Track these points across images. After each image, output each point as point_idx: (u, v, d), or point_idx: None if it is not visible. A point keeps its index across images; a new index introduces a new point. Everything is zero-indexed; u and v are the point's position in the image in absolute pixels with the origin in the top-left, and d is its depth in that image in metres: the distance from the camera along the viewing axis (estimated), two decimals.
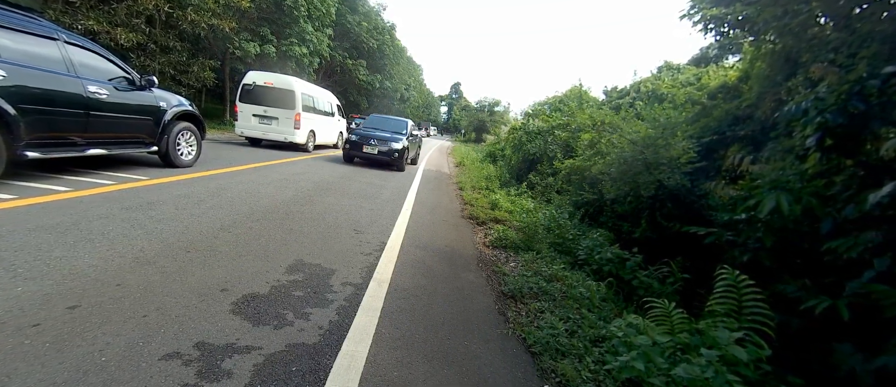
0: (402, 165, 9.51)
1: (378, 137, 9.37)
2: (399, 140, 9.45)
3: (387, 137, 9.45)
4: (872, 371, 2.02)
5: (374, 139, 9.25)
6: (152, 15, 11.66)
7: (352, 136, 9.50)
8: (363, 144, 9.20)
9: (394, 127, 10.60)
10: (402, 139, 9.55)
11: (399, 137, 9.67)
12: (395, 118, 11.65)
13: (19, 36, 3.49)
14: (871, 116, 2.46)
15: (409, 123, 11.02)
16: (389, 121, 11.19)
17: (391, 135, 9.66)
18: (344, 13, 24.45)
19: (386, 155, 9.18)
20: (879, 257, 2.15)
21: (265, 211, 4.12)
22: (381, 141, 9.23)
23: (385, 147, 9.16)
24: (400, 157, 9.28)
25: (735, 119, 5.04)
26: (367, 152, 9.17)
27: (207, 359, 1.68)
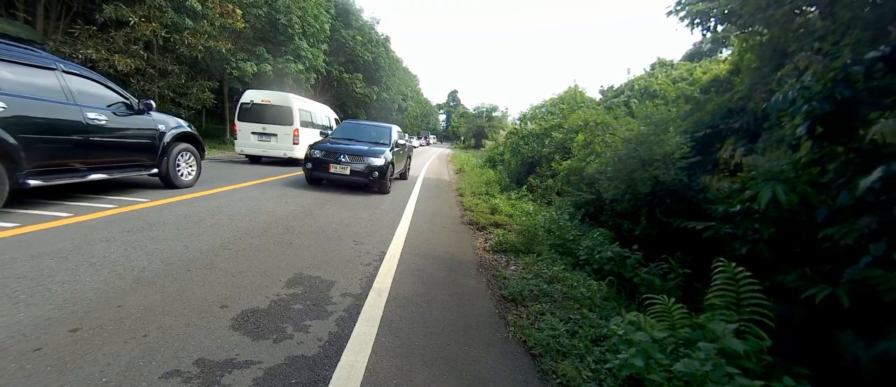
0: (386, 185, 7.28)
1: (351, 150, 7.05)
2: (379, 153, 7.13)
3: (363, 150, 7.15)
4: (875, 357, 2.01)
5: (345, 154, 6.95)
6: (150, 40, 11.87)
7: (314, 151, 7.00)
8: (330, 162, 6.87)
9: (373, 136, 8.23)
10: (385, 152, 7.30)
11: (380, 149, 7.36)
12: (376, 124, 9.02)
13: (19, 68, 3.58)
14: (859, 102, 2.48)
15: (394, 130, 8.67)
16: (367, 128, 8.69)
17: (369, 147, 7.34)
18: (338, 28, 24.76)
19: (362, 174, 6.90)
20: (875, 243, 2.15)
21: (265, 226, 4.15)
22: (354, 156, 6.96)
23: (360, 164, 6.91)
24: (382, 175, 7.01)
25: (728, 112, 5.05)
26: (336, 173, 6.83)
27: (207, 375, 1.70)
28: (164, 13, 11.53)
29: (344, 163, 6.87)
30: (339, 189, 7.36)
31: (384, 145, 7.72)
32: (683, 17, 5.37)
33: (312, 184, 7.38)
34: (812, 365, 2.28)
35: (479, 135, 47.07)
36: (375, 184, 7.13)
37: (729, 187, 3.67)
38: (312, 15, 18.61)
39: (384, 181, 7.15)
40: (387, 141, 8.01)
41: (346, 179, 6.93)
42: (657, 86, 12.04)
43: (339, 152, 7.01)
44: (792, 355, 2.40)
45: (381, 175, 7.03)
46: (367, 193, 7.33)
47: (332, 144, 7.37)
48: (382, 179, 7.08)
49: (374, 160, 6.99)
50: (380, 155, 7.13)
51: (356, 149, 7.17)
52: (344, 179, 6.96)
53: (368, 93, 28.41)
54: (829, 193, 2.59)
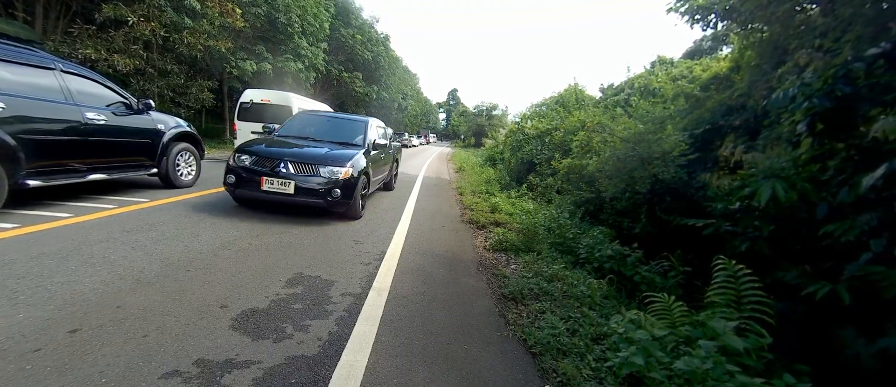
0: (356, 206, 4.84)
1: (299, 156, 4.59)
2: (345, 159, 4.70)
3: (317, 155, 4.68)
4: (876, 354, 2.00)
5: (288, 162, 4.47)
6: (149, 40, 11.85)
7: (241, 157, 4.56)
8: (262, 175, 4.40)
9: (340, 132, 5.82)
10: (354, 156, 4.86)
11: (347, 153, 4.92)
12: (347, 117, 6.63)
13: (17, 67, 3.57)
14: (860, 99, 2.47)
15: (372, 126, 6.19)
16: (333, 122, 6.28)
17: (329, 150, 4.92)
18: (337, 27, 24.72)
19: (315, 193, 4.43)
20: (876, 239, 2.14)
21: (265, 226, 4.14)
22: (304, 164, 4.51)
23: (313, 177, 4.45)
24: (347, 192, 4.56)
25: (729, 109, 5.04)
26: (271, 191, 4.38)
27: (207, 375, 1.69)
28: (164, 12, 11.51)
29: (286, 175, 4.35)
30: None
31: (355, 147, 5.26)
32: (684, 14, 5.36)
33: (240, 202, 4.96)
34: (813, 362, 2.28)
35: (479, 133, 47.09)
36: (337, 206, 4.57)
37: (729, 185, 3.67)
38: (312, 14, 18.58)
39: (352, 201, 4.65)
40: (359, 140, 5.55)
41: (289, 200, 4.35)
42: (657, 84, 12.01)
43: (277, 159, 4.42)
44: (793, 352, 2.40)
45: (346, 193, 4.51)
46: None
47: (270, 147, 4.74)
48: (349, 198, 4.57)
49: (336, 170, 4.48)
50: (345, 162, 4.61)
51: (308, 154, 4.64)
52: (284, 200, 4.37)
53: (368, 92, 28.39)
54: (829, 189, 2.59)
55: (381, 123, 7.18)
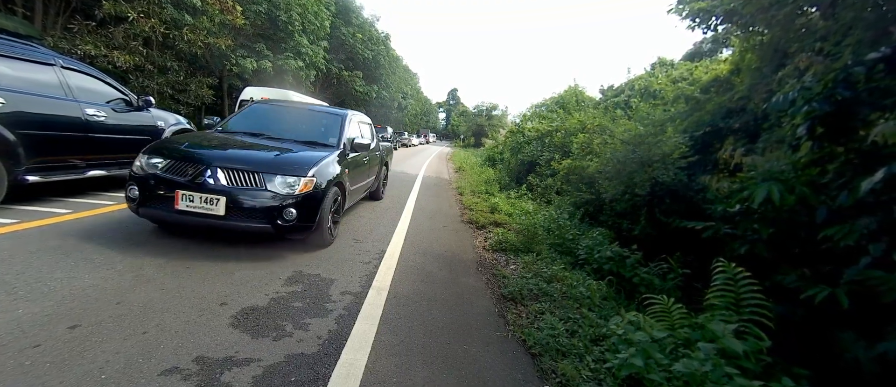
0: (322, 233, 3.49)
1: (235, 160, 3.19)
2: (305, 167, 3.30)
3: (264, 160, 3.32)
4: (875, 358, 2.01)
5: (215, 168, 3.06)
6: (149, 36, 11.82)
7: (153, 158, 3.19)
8: (178, 185, 3.01)
9: (305, 130, 4.41)
10: (321, 162, 3.49)
11: (308, 157, 3.54)
12: (318, 109, 5.19)
13: (17, 63, 3.55)
14: (859, 103, 2.48)
15: (351, 121, 4.74)
16: (298, 117, 4.82)
17: (279, 155, 3.48)
18: (338, 25, 24.71)
19: (254, 214, 3.05)
20: (875, 243, 2.15)
21: None
22: (241, 172, 3.09)
23: (250, 195, 3.05)
24: (308, 212, 3.24)
25: (729, 112, 5.05)
26: (187, 211, 2.97)
27: (206, 373, 1.69)
28: (164, 9, 11.48)
29: (213, 188, 2.99)
30: None
31: (326, 148, 3.88)
32: (685, 17, 5.36)
33: (159, 223, 3.50)
34: (812, 366, 2.29)
35: (479, 133, 47.11)
36: (293, 231, 3.23)
37: (728, 187, 3.68)
38: (312, 12, 18.57)
39: (315, 225, 3.32)
40: (334, 140, 4.15)
41: (217, 224, 2.98)
42: (657, 86, 12.03)
43: (202, 163, 3.08)
44: (792, 355, 2.40)
45: (306, 213, 3.19)
46: None
47: (196, 146, 3.37)
48: (310, 220, 3.26)
49: (292, 181, 3.13)
50: (306, 168, 3.25)
51: (251, 157, 3.35)
52: (210, 225, 3.00)
53: (368, 90, 28.39)
54: (828, 193, 2.60)
55: (365, 118, 5.56)
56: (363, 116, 5.57)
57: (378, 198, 6.45)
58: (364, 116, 5.64)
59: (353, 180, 4.31)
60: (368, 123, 5.72)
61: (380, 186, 6.38)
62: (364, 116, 5.64)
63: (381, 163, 6.20)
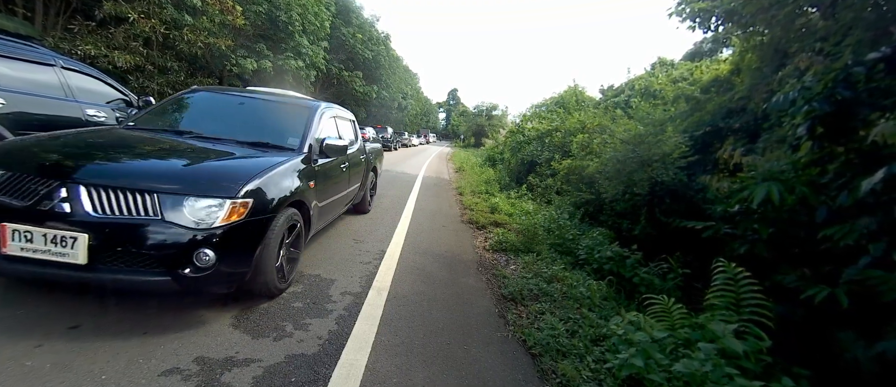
0: (265, 279, 2.25)
1: (112, 175, 1.96)
2: (236, 181, 2.08)
3: (164, 171, 2.16)
4: (874, 358, 2.01)
5: (76, 186, 1.81)
6: (149, 37, 11.82)
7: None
8: (11, 216, 1.77)
9: (259, 128, 3.15)
10: (268, 173, 2.31)
11: (246, 167, 2.36)
12: (279, 100, 3.75)
13: (18, 64, 3.56)
14: (860, 103, 2.48)
15: (320, 115, 3.46)
16: (251, 111, 3.46)
17: (190, 169, 2.19)
18: (338, 26, 24.69)
19: (137, 261, 1.83)
20: (875, 243, 2.15)
21: None
22: (119, 192, 1.85)
23: (130, 230, 1.82)
24: (236, 253, 2.04)
25: (729, 112, 5.05)
26: (25, 257, 1.77)
27: (207, 373, 1.69)
28: (164, 9, 11.48)
29: (68, 219, 1.80)
30: None
31: (284, 153, 2.79)
32: (685, 18, 5.37)
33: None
34: (812, 365, 2.29)
35: (479, 133, 47.08)
36: (209, 283, 2.01)
37: (729, 187, 3.68)
38: (312, 12, 18.57)
39: (250, 270, 2.16)
40: (295, 141, 3.02)
41: (76, 276, 1.83)
42: (658, 86, 12.03)
43: (58, 178, 1.86)
44: (792, 355, 2.41)
45: (232, 256, 2.04)
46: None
47: (57, 150, 2.16)
48: (240, 266, 2.13)
49: (209, 205, 1.95)
50: (235, 184, 2.07)
51: (144, 170, 2.17)
52: (63, 278, 1.88)
53: (368, 91, 28.39)
54: (828, 193, 2.60)
55: (345, 114, 4.49)
56: (342, 111, 4.40)
57: (364, 211, 5.24)
58: (344, 111, 4.48)
59: (324, 194, 3.12)
60: (350, 120, 4.61)
61: (367, 196, 5.22)
62: (344, 111, 4.48)
63: (366, 169, 4.87)
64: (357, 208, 5.14)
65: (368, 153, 5.12)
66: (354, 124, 4.83)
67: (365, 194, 5.12)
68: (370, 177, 5.30)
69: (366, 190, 5.13)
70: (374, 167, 5.62)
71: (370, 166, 5.19)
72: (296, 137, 3.02)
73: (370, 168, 5.21)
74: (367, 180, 5.11)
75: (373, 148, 5.62)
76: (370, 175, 5.28)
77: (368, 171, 5.08)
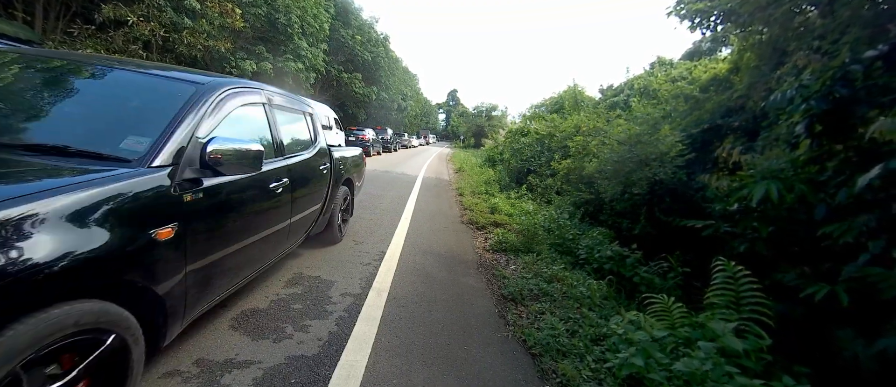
0: None
1: None
2: None
3: None
4: (874, 355, 2.01)
5: None
6: (149, 40, 11.85)
7: None
8: None
9: (67, 115, 1.68)
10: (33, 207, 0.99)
11: None
12: (133, 70, 1.95)
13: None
14: (858, 101, 2.48)
15: (217, 99, 1.86)
16: (68, 83, 1.82)
17: None
18: (337, 28, 24.74)
19: None
20: (874, 240, 2.15)
21: None
22: None
23: None
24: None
25: (728, 111, 5.06)
26: None
27: (207, 375, 1.70)
28: (163, 13, 11.51)
29: None
30: None
31: (103, 168, 1.35)
32: (683, 18, 5.37)
33: None
34: (812, 363, 2.29)
35: (479, 134, 47.07)
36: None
37: (728, 186, 3.68)
38: (312, 14, 18.61)
39: None
40: (140, 145, 1.51)
41: None
42: (656, 85, 12.03)
43: None
44: (792, 353, 2.41)
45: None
46: (367, 190, 7.00)
47: None
48: None
49: None
50: None
51: None
52: None
53: (368, 92, 28.42)
54: (827, 191, 2.60)
55: (297, 102, 3.12)
56: (287, 98, 2.94)
57: (333, 241, 3.77)
58: (294, 98, 3.08)
59: (220, 241, 1.82)
60: (302, 112, 3.12)
61: (335, 220, 3.65)
62: (294, 98, 3.08)
63: (333, 184, 3.44)
64: (320, 237, 3.62)
65: (337, 162, 3.56)
66: (311, 118, 3.25)
67: (332, 218, 3.56)
68: (342, 193, 3.73)
69: (334, 212, 3.57)
70: (348, 180, 3.96)
71: (341, 179, 3.63)
72: (142, 138, 1.55)
73: (341, 181, 3.64)
74: (336, 199, 3.57)
75: (345, 155, 3.94)
76: (342, 191, 3.73)
77: (337, 186, 3.53)
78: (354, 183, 4.29)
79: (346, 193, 3.94)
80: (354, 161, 4.30)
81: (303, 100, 3.32)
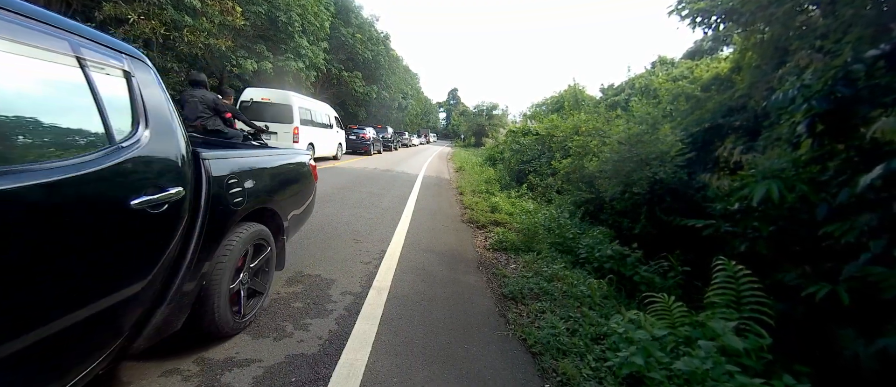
0: None
1: None
2: None
3: None
4: (875, 354, 2.01)
5: None
6: (149, 38, 11.84)
7: None
8: None
9: None
10: None
11: None
12: None
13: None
14: (860, 100, 2.47)
15: None
16: None
17: None
18: (338, 26, 24.71)
19: None
20: (875, 240, 2.15)
21: None
22: None
23: None
24: None
25: (729, 110, 5.05)
26: None
27: (207, 374, 1.70)
28: (164, 11, 11.50)
29: None
30: (341, 187, 7.34)
31: None
32: (685, 17, 5.36)
33: None
34: (812, 363, 2.28)
35: (480, 133, 47.02)
36: None
37: (729, 185, 3.68)
38: (312, 12, 18.58)
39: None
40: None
41: None
42: (657, 84, 12.01)
43: None
44: (792, 352, 2.40)
45: None
46: (369, 190, 7.13)
47: None
48: None
49: None
50: None
51: None
52: None
53: (368, 91, 28.41)
54: (829, 190, 2.59)
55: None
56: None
57: (221, 333, 1.92)
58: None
59: None
60: (92, 58, 1.24)
61: (215, 302, 1.79)
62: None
63: (204, 225, 1.63)
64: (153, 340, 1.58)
65: (223, 180, 1.78)
66: (134, 79, 1.42)
67: (210, 298, 1.77)
68: (246, 240, 1.95)
69: (212, 286, 1.77)
70: (263, 212, 2.22)
71: (234, 215, 1.85)
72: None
73: (235, 219, 1.86)
74: (222, 257, 1.80)
75: (254, 162, 2.15)
76: (244, 236, 1.94)
77: (224, 227, 1.79)
78: (283, 217, 2.36)
79: (258, 238, 2.05)
80: (282, 175, 2.40)
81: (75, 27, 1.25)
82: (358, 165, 12.70)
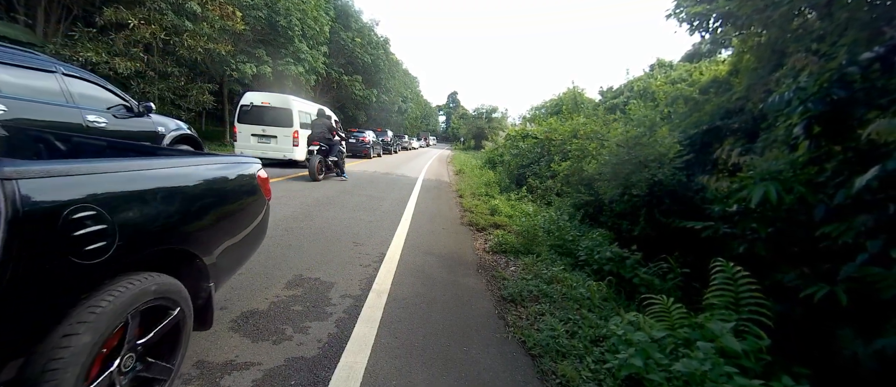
0: None
1: None
2: None
3: None
4: (873, 354, 2.01)
5: None
6: (150, 43, 11.89)
7: None
8: None
9: None
10: None
11: None
12: None
13: (18, 71, 3.59)
14: (856, 102, 2.49)
15: None
16: None
17: None
18: (337, 30, 24.82)
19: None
20: (872, 240, 2.15)
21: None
22: None
23: None
24: None
25: (727, 112, 5.07)
26: None
27: (207, 377, 1.70)
28: (164, 15, 11.56)
29: None
30: (341, 191, 7.35)
31: None
32: (682, 20, 5.39)
33: None
34: (811, 364, 2.29)
35: (479, 136, 47.04)
36: None
37: (727, 187, 3.69)
38: (312, 17, 18.67)
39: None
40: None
41: None
42: (655, 87, 12.05)
43: None
44: (791, 353, 2.40)
45: None
46: (369, 194, 7.18)
47: None
48: None
49: None
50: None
51: None
52: None
53: (368, 95, 28.47)
54: (826, 191, 2.60)
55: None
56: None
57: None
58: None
59: None
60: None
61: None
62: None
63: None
64: None
65: (61, 208, 1.01)
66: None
67: None
68: (124, 302, 1.17)
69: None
70: (187, 255, 1.56)
71: (87, 268, 1.07)
72: None
73: (84, 273, 1.08)
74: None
75: (157, 178, 1.40)
76: (126, 297, 1.18)
77: (66, 292, 1.07)
78: (204, 255, 1.62)
79: (154, 298, 1.32)
80: (205, 197, 1.69)
81: None
82: (357, 168, 12.71)
